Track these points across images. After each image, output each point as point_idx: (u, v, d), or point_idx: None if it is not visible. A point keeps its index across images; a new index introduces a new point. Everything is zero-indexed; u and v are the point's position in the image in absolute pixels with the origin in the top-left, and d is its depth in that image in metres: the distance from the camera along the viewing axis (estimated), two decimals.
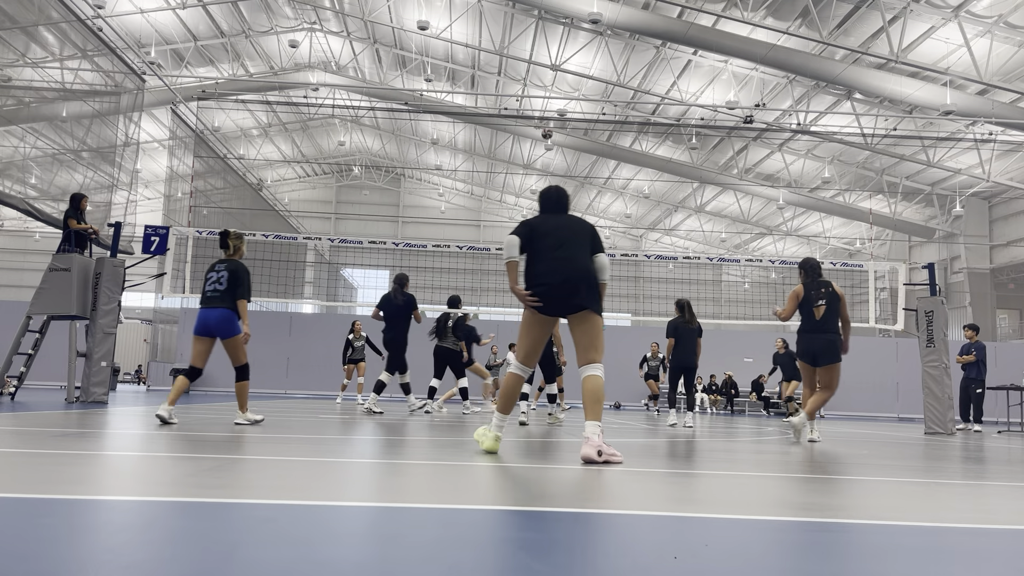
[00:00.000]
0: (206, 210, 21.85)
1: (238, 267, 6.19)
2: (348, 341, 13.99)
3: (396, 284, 9.69)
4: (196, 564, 1.46)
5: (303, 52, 30.63)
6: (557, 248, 4.36)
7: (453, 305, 10.74)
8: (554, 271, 4.30)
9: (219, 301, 6.09)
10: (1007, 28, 19.57)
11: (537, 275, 4.36)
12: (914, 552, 1.86)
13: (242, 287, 6.13)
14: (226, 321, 6.07)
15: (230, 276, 6.14)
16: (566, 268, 4.30)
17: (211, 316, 6.06)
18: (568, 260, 4.32)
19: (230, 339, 6.12)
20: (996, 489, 3.45)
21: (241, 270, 6.19)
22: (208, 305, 6.11)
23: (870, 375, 20.87)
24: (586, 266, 4.35)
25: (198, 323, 6.11)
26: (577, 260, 4.33)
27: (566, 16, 22.93)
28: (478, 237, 43.66)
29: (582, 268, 4.32)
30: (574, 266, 4.31)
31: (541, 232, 4.44)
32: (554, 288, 4.28)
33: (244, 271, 6.20)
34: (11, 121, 11.68)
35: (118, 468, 3.03)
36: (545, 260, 4.36)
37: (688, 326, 9.52)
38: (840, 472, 4.01)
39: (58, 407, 8.09)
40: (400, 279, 9.72)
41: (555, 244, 4.38)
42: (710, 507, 2.51)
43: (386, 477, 3.03)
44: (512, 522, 2.08)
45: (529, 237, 4.44)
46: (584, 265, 4.34)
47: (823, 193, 31.44)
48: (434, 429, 6.60)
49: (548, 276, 4.31)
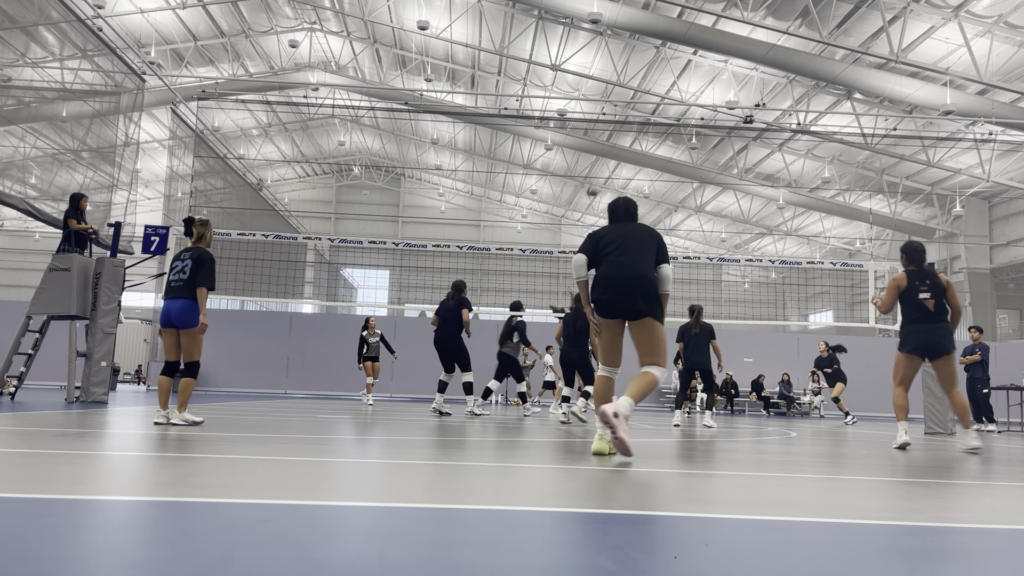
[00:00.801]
0: (206, 210, 21.86)
1: (201, 254, 6.02)
2: (363, 338, 13.70)
3: (452, 289, 9.92)
4: (196, 564, 1.46)
5: (303, 52, 30.63)
6: (617, 255, 4.48)
7: (515, 310, 11.21)
8: (611, 276, 4.43)
9: (182, 291, 5.94)
10: (1007, 28, 19.57)
11: (596, 281, 4.51)
12: (914, 552, 1.86)
13: (203, 274, 5.94)
14: (188, 311, 5.91)
15: (193, 264, 5.98)
16: (623, 273, 4.40)
17: (173, 307, 5.93)
18: (625, 266, 4.42)
19: (188, 330, 5.93)
20: (996, 489, 3.45)
21: (205, 257, 6.00)
22: (171, 296, 5.98)
23: (870, 375, 20.87)
24: (643, 273, 4.41)
25: (162, 314, 5.99)
26: (634, 266, 4.42)
27: (566, 16, 22.93)
28: (478, 237, 43.67)
29: (638, 274, 4.40)
30: (631, 272, 4.40)
31: (604, 242, 4.58)
32: (611, 293, 4.40)
33: (208, 259, 6.02)
34: (11, 121, 11.67)
35: (118, 468, 3.03)
36: (604, 266, 4.50)
37: (691, 331, 9.82)
38: (840, 472, 4.01)
39: (58, 407, 8.09)
40: (456, 285, 9.92)
41: (615, 251, 4.50)
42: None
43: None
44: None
45: (594, 250, 4.59)
46: (641, 272, 4.41)
47: (823, 193, 31.45)
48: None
49: (606, 281, 4.44)
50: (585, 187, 10.19)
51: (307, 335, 20.60)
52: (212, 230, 6.32)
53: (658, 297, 4.44)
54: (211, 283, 5.97)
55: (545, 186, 40.24)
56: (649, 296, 4.38)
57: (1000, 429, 13.81)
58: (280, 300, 26.80)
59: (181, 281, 5.96)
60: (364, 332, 13.71)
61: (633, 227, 4.62)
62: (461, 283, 9.98)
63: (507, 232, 43.87)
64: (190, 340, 5.95)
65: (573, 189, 39.86)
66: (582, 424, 9.02)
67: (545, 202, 42.62)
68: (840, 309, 37.94)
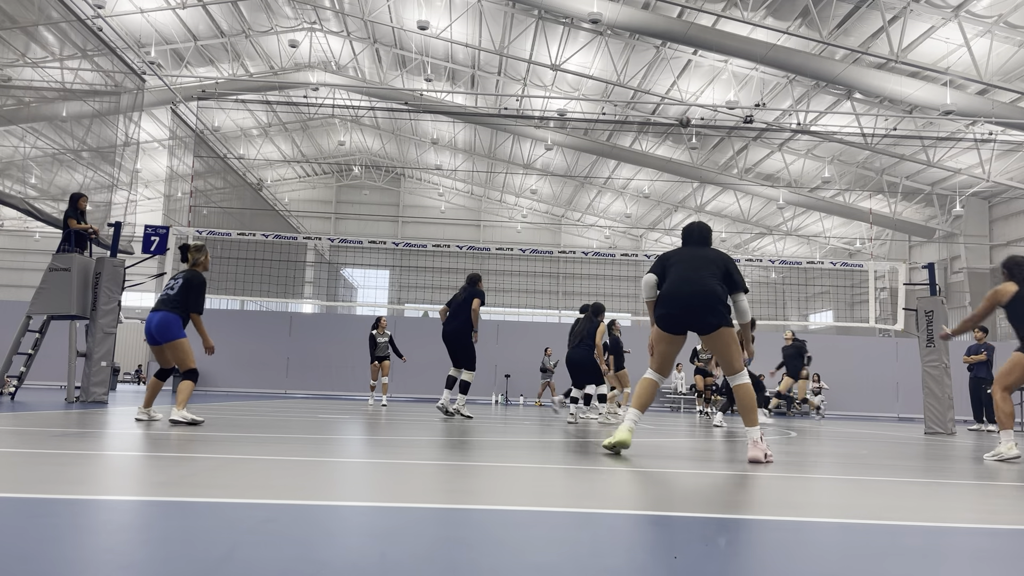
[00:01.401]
0: (206, 210, 21.87)
1: (193, 276, 6.16)
2: (372, 336, 13.50)
3: (467, 282, 9.54)
4: (196, 564, 1.46)
5: (303, 52, 30.62)
6: (682, 271, 4.59)
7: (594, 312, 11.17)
8: (674, 293, 4.56)
9: (162, 305, 6.09)
10: (1007, 28, 19.56)
11: (661, 297, 4.64)
12: (914, 552, 1.86)
13: (191, 296, 6.08)
14: (163, 326, 6.00)
15: (183, 284, 6.13)
16: (685, 289, 4.52)
17: (152, 320, 6.05)
18: (688, 282, 4.54)
19: (169, 343, 6.04)
20: (996, 489, 3.45)
21: (196, 280, 6.14)
22: (154, 308, 6.16)
23: (870, 375, 20.88)
24: (706, 288, 4.49)
25: (145, 329, 6.14)
26: (696, 283, 4.51)
27: (566, 16, 22.93)
28: (478, 237, 43.66)
29: (701, 290, 4.48)
30: (692, 288, 4.50)
31: (672, 261, 4.70)
32: (673, 309, 4.54)
33: (199, 282, 6.15)
34: (11, 121, 11.67)
35: (118, 468, 3.03)
36: (668, 283, 4.63)
37: None
38: (840, 472, 4.01)
39: (58, 407, 8.09)
40: (471, 277, 9.53)
41: (681, 269, 4.62)
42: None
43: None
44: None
45: (663, 269, 4.72)
46: (704, 288, 4.49)
47: (823, 193, 31.44)
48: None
49: (668, 297, 4.57)
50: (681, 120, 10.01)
51: (307, 335, 20.59)
52: (208, 254, 6.43)
53: (721, 309, 4.50)
54: (201, 308, 6.14)
55: (545, 186, 40.23)
56: (712, 309, 4.46)
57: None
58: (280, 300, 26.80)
59: (167, 296, 6.12)
60: (374, 331, 13.51)
61: (702, 250, 4.73)
62: (476, 275, 9.54)
63: (507, 232, 43.87)
64: (174, 351, 6.07)
65: (573, 189, 39.86)
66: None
67: (545, 202, 42.62)
68: (840, 309, 37.93)
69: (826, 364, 20.22)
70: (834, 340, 23.10)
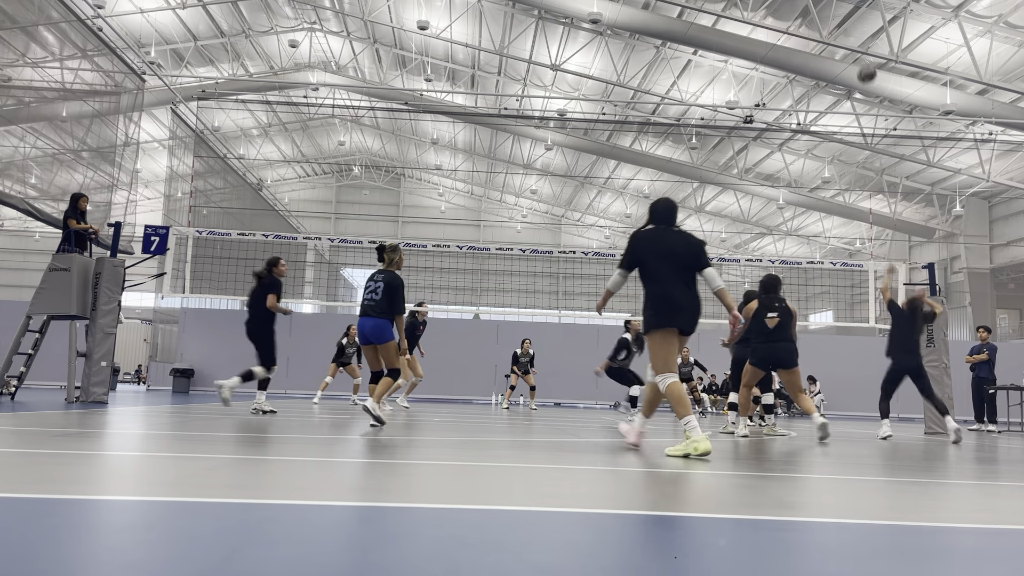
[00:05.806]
0: (206, 210, 21.86)
1: (392, 279, 6.60)
2: (340, 345, 13.09)
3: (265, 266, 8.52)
4: (196, 564, 1.46)
5: (303, 52, 30.62)
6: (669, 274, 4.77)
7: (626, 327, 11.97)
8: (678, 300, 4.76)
9: (372, 310, 6.54)
10: (1007, 28, 19.56)
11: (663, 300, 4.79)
12: (914, 552, 1.86)
13: (395, 300, 6.55)
14: (379, 330, 6.50)
15: (385, 288, 6.56)
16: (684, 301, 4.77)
17: (365, 325, 6.54)
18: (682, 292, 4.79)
19: (382, 345, 6.56)
20: (996, 489, 3.45)
21: (396, 283, 6.60)
22: (363, 314, 6.60)
23: (870, 375, 20.82)
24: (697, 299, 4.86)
25: (358, 331, 6.65)
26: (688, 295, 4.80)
27: (566, 16, 22.92)
28: (478, 237, 43.66)
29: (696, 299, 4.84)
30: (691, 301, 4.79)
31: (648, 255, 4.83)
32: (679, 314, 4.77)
33: (398, 284, 6.61)
34: (11, 121, 11.67)
35: (118, 468, 3.03)
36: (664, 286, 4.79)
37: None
38: (839, 472, 4.01)
39: (58, 407, 8.09)
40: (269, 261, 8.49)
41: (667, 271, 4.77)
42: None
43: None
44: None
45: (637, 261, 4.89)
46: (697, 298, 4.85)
47: (823, 193, 31.44)
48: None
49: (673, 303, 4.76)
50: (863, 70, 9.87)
51: (307, 335, 20.59)
52: (401, 252, 6.88)
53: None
54: (402, 308, 6.62)
55: (545, 186, 40.23)
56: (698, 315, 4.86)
57: (1000, 429, 13.82)
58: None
59: (373, 301, 6.58)
60: (343, 340, 13.03)
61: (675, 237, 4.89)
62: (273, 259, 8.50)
63: (507, 232, 43.87)
64: (386, 352, 6.58)
65: (573, 189, 39.86)
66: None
67: (545, 202, 42.62)
68: (840, 309, 37.91)
69: (826, 364, 20.21)
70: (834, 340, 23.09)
